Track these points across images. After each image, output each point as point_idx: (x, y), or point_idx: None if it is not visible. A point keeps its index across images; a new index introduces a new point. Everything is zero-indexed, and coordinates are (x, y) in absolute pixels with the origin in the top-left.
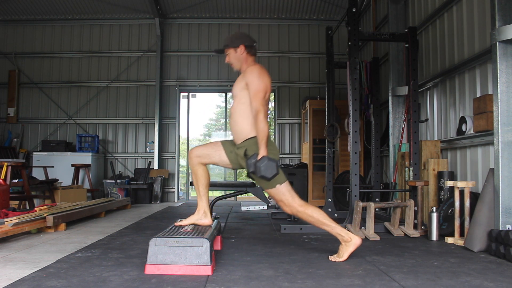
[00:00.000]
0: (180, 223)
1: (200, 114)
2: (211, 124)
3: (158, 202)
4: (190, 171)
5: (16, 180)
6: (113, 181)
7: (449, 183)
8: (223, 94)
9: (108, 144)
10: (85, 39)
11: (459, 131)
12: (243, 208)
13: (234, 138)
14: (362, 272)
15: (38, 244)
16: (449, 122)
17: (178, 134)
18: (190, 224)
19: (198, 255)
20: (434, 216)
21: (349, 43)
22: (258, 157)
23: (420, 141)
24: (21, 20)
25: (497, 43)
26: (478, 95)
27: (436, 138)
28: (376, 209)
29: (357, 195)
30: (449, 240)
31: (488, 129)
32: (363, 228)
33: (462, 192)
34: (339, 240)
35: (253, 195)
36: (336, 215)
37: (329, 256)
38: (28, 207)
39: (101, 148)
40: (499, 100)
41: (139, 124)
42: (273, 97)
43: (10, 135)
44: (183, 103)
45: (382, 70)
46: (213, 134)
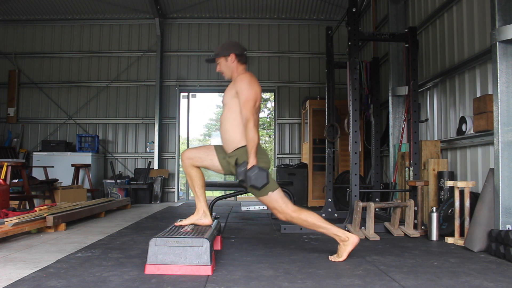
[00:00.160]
0: (180, 223)
1: (200, 114)
2: (211, 124)
3: (158, 202)
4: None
5: (16, 180)
6: (113, 181)
7: (449, 183)
8: (223, 94)
9: (108, 144)
10: (85, 39)
11: (459, 131)
12: (243, 208)
13: (225, 147)
14: (362, 272)
15: (38, 244)
16: (449, 122)
17: (178, 134)
18: (190, 224)
19: (198, 255)
20: (434, 216)
21: (349, 43)
22: (248, 166)
23: (420, 141)
24: (21, 20)
25: (497, 43)
26: (478, 95)
27: (436, 138)
28: (376, 209)
29: (357, 195)
30: (449, 240)
31: (488, 129)
32: (363, 228)
33: (462, 192)
34: (336, 240)
35: (253, 195)
36: (336, 215)
37: (329, 256)
38: (28, 207)
39: (101, 148)
40: (499, 100)
41: (139, 124)
42: (273, 97)
43: (10, 135)
44: (183, 103)
45: (382, 70)
46: (213, 134)
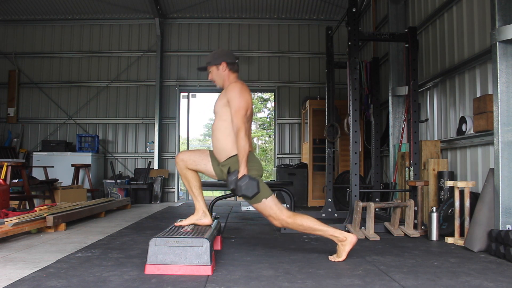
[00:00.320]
0: (180, 223)
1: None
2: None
3: (158, 202)
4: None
5: (16, 180)
6: (113, 181)
7: (449, 183)
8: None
9: (108, 144)
10: (85, 39)
11: (459, 131)
12: (243, 208)
13: (217, 156)
14: (362, 272)
15: (38, 244)
16: (449, 122)
17: (178, 134)
18: (190, 224)
19: (198, 255)
20: (434, 216)
21: (349, 43)
22: (239, 175)
23: (420, 141)
24: (21, 20)
25: (497, 43)
26: (478, 95)
27: (436, 138)
28: (376, 209)
29: (357, 195)
30: (449, 240)
31: (488, 129)
32: (363, 228)
33: (462, 192)
34: (335, 241)
35: None
36: (336, 215)
37: (329, 256)
38: (28, 207)
39: (101, 148)
40: (499, 100)
41: (139, 124)
42: (273, 97)
43: (10, 135)
44: (183, 103)
45: (382, 70)
46: None
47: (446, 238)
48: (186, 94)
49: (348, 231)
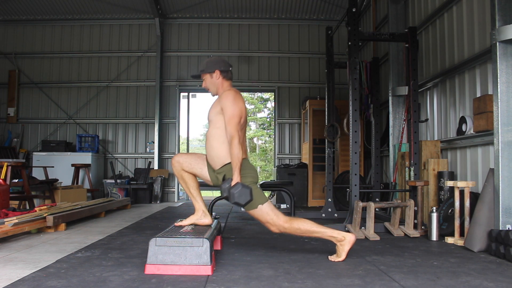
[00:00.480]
0: (180, 223)
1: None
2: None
3: (158, 202)
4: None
5: (16, 180)
6: (113, 181)
7: (449, 183)
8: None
9: (108, 144)
10: (85, 39)
11: (459, 131)
12: (243, 209)
13: (211, 163)
14: (362, 272)
15: (38, 244)
16: (449, 122)
17: (178, 134)
18: (190, 224)
19: (198, 255)
20: (434, 216)
21: (349, 43)
22: (232, 183)
23: (420, 141)
24: (21, 20)
25: (497, 43)
26: (478, 95)
27: (436, 138)
28: (376, 209)
29: (357, 195)
30: (449, 240)
31: (488, 129)
32: (363, 228)
33: (462, 192)
34: (333, 242)
35: None
36: (336, 215)
37: (329, 256)
38: (28, 207)
39: (101, 148)
40: (499, 100)
41: (139, 124)
42: (273, 97)
43: (10, 135)
44: (183, 103)
45: (382, 70)
46: None
47: (446, 238)
48: (186, 94)
49: (348, 231)
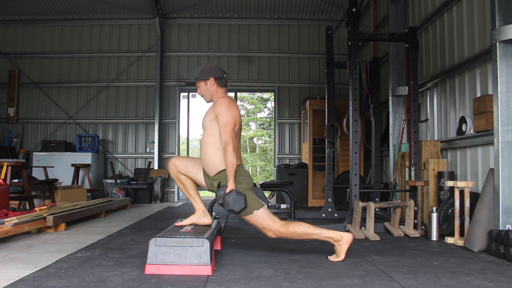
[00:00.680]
0: (180, 223)
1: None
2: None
3: (158, 202)
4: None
5: (16, 180)
6: (113, 181)
7: (449, 183)
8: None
9: (108, 144)
10: (85, 39)
11: (459, 131)
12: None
13: (206, 170)
14: (362, 272)
15: (38, 244)
16: (449, 122)
17: (178, 134)
18: (190, 224)
19: (198, 255)
20: (434, 216)
21: (349, 43)
22: (227, 190)
23: (420, 141)
24: (21, 20)
25: (497, 43)
26: (478, 95)
27: (436, 138)
28: (376, 209)
29: (357, 195)
30: (449, 240)
31: (488, 129)
32: (363, 228)
33: (462, 192)
34: (331, 243)
35: None
36: (336, 215)
37: (328, 257)
38: (28, 207)
39: (101, 148)
40: (499, 100)
41: (139, 124)
42: (273, 97)
43: (10, 135)
44: (183, 103)
45: (382, 70)
46: None
47: (446, 238)
48: (186, 94)
49: (348, 231)
